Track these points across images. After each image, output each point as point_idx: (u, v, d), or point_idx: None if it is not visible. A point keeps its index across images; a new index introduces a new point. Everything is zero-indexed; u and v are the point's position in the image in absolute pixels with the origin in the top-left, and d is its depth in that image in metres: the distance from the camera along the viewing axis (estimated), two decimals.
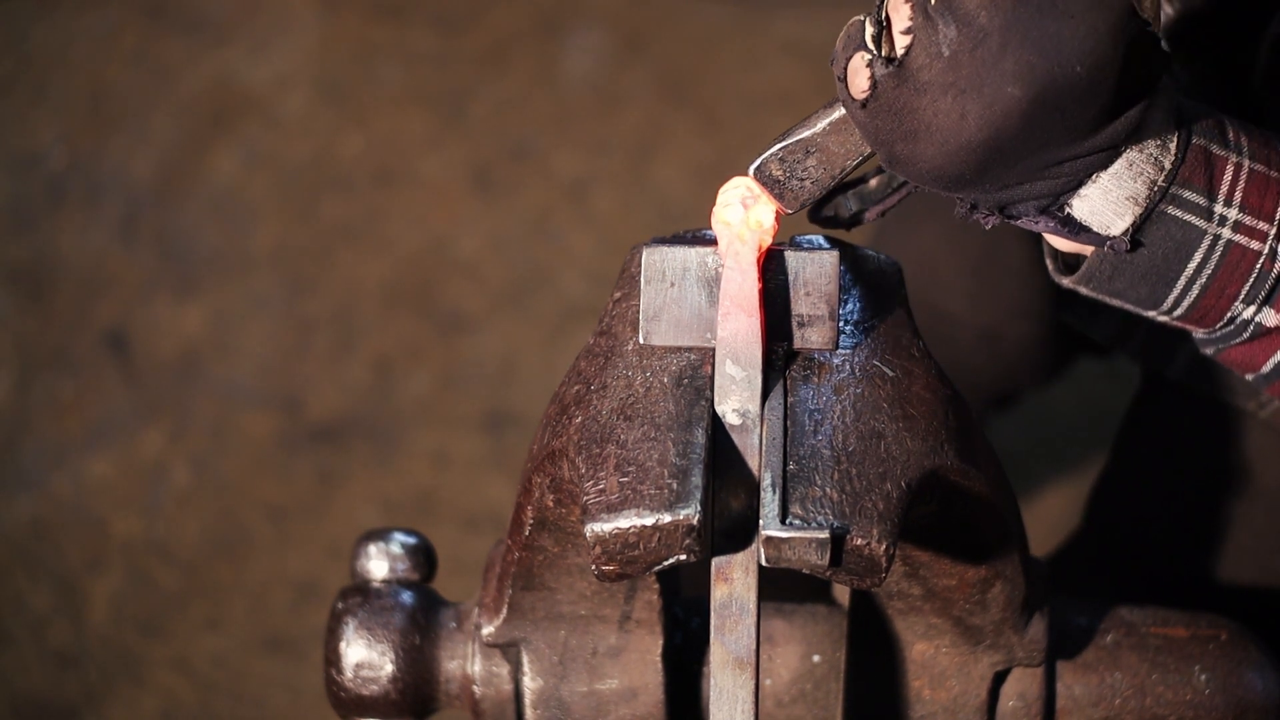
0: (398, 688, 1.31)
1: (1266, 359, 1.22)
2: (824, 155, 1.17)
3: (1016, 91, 1.07)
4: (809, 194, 1.18)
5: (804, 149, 1.17)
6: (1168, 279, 1.18)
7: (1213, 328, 1.21)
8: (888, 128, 1.11)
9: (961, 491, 1.15)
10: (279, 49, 2.93)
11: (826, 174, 1.18)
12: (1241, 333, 1.20)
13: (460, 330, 2.66)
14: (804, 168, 1.17)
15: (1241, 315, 1.19)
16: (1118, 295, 1.20)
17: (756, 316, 1.11)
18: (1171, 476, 1.61)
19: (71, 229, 2.74)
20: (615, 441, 1.08)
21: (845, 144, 1.17)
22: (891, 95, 1.10)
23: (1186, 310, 1.19)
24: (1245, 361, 1.23)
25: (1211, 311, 1.19)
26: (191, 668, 2.38)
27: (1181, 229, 1.16)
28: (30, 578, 2.44)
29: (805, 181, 1.18)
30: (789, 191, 1.18)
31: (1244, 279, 1.17)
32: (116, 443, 2.55)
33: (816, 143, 1.17)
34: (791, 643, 1.34)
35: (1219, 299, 1.18)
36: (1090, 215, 1.15)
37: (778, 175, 1.17)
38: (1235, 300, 1.18)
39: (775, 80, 2.86)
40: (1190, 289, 1.18)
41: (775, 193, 1.17)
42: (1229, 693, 1.31)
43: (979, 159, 1.11)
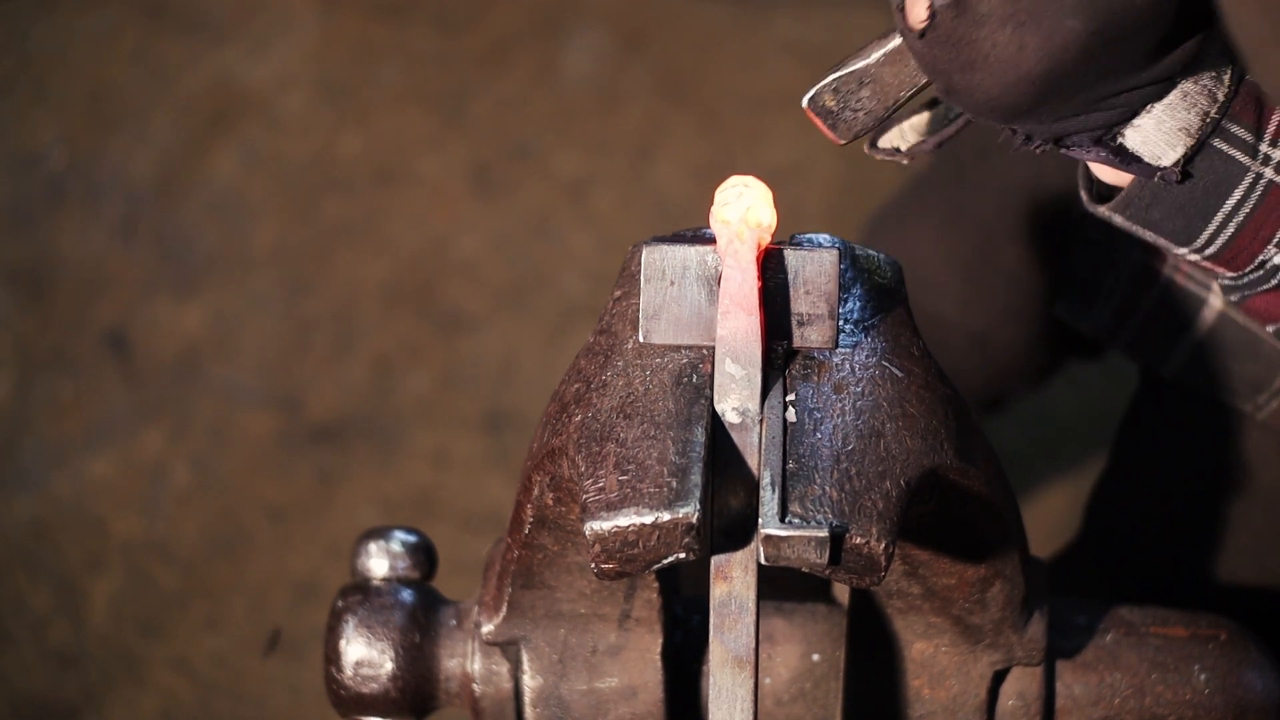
0: (397, 686, 1.31)
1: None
2: (878, 85, 1.16)
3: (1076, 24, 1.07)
4: (862, 125, 1.18)
5: (858, 79, 1.16)
6: (1205, 213, 1.17)
7: (1241, 271, 1.20)
8: (945, 58, 1.11)
9: (961, 490, 1.15)
10: (279, 49, 2.93)
11: (880, 105, 1.17)
12: (1269, 279, 1.20)
13: (460, 330, 2.66)
14: (858, 98, 1.17)
15: (1273, 260, 1.18)
16: (1152, 226, 1.19)
17: (756, 315, 1.11)
18: (1170, 477, 1.61)
19: (71, 229, 2.74)
20: (615, 440, 1.08)
21: (900, 74, 1.16)
22: (950, 26, 1.09)
23: (1219, 248, 1.19)
24: (1268, 310, 1.22)
25: (1243, 253, 1.19)
26: (191, 667, 2.38)
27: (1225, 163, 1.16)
28: (30, 578, 2.44)
29: (859, 112, 1.17)
30: (842, 122, 1.17)
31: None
32: (116, 443, 2.55)
33: (871, 73, 1.16)
34: (791, 641, 1.34)
35: (1253, 240, 1.18)
36: (1142, 145, 1.15)
37: (831, 106, 1.17)
38: (1269, 243, 1.18)
39: (775, 80, 2.86)
40: (1226, 226, 1.18)
41: (829, 123, 1.17)
42: (1228, 692, 1.31)
43: (1037, 90, 1.10)
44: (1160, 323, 1.54)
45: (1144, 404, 1.66)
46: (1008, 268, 1.72)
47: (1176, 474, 1.60)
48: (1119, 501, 1.67)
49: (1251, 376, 1.51)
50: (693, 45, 2.91)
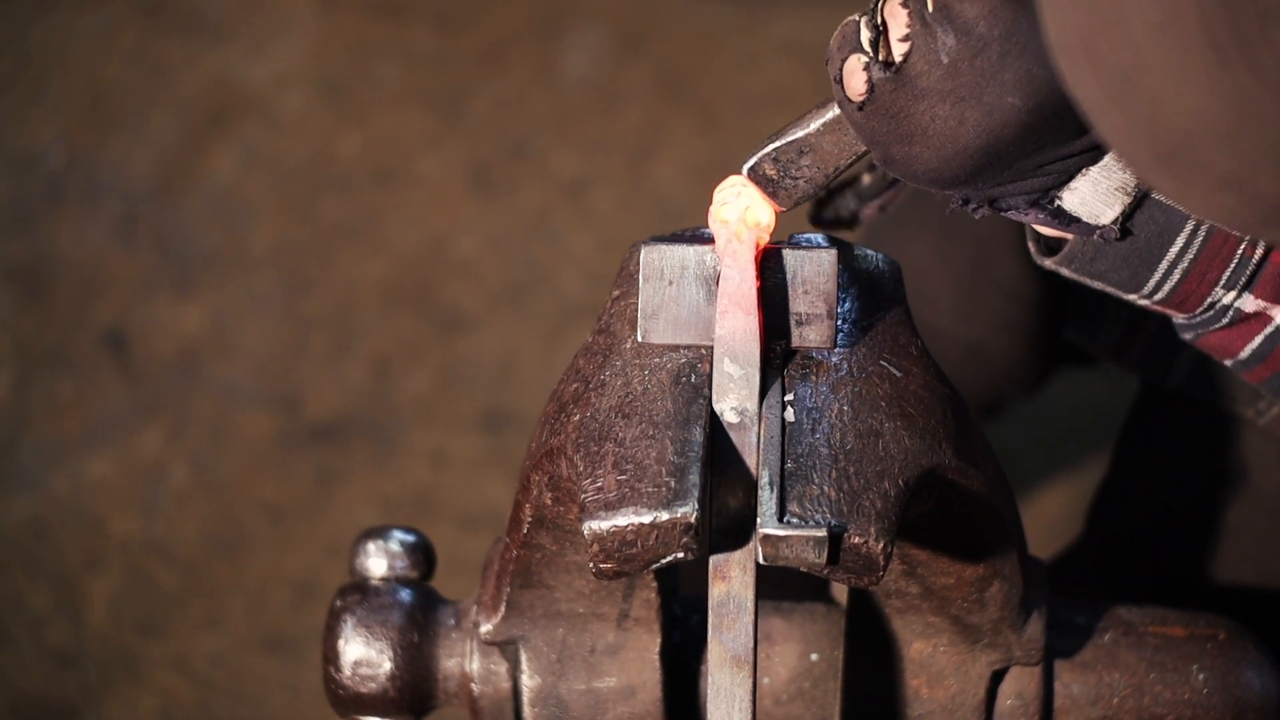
0: (396, 685, 1.31)
1: (1244, 345, 1.23)
2: (818, 155, 1.17)
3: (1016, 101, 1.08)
4: (803, 192, 1.18)
5: (798, 149, 1.17)
6: (1150, 263, 1.19)
7: (1193, 313, 1.22)
8: (884, 130, 1.11)
9: (959, 490, 1.15)
10: (278, 48, 2.93)
11: (820, 173, 1.18)
12: (1221, 318, 1.21)
13: (459, 330, 2.66)
14: (798, 167, 1.17)
15: (1221, 300, 1.20)
16: (1099, 277, 1.21)
17: (754, 315, 1.11)
18: (1170, 482, 1.61)
19: (70, 228, 2.74)
20: (613, 439, 1.08)
21: (839, 143, 1.17)
22: (889, 99, 1.10)
23: (1167, 294, 1.20)
24: (1223, 347, 1.24)
25: (1192, 296, 1.20)
26: (190, 667, 2.38)
27: (1165, 214, 1.17)
28: (30, 578, 2.44)
29: (799, 180, 1.18)
30: (783, 190, 1.18)
31: (1225, 264, 1.18)
32: (116, 442, 2.55)
33: (810, 142, 1.17)
34: (790, 641, 1.34)
35: (1200, 284, 1.19)
36: (1080, 206, 1.16)
37: (771, 175, 1.18)
38: (1216, 285, 1.19)
39: (774, 80, 2.86)
40: (1172, 273, 1.19)
41: (769, 191, 1.18)
42: (1227, 692, 1.31)
43: (975, 163, 1.11)
44: (1165, 339, 1.54)
45: (1145, 409, 1.66)
46: (1004, 279, 1.73)
47: (1177, 479, 1.60)
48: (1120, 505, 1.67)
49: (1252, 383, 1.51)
50: (692, 45, 2.91)
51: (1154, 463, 1.63)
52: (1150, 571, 1.60)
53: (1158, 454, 1.63)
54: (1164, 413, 1.61)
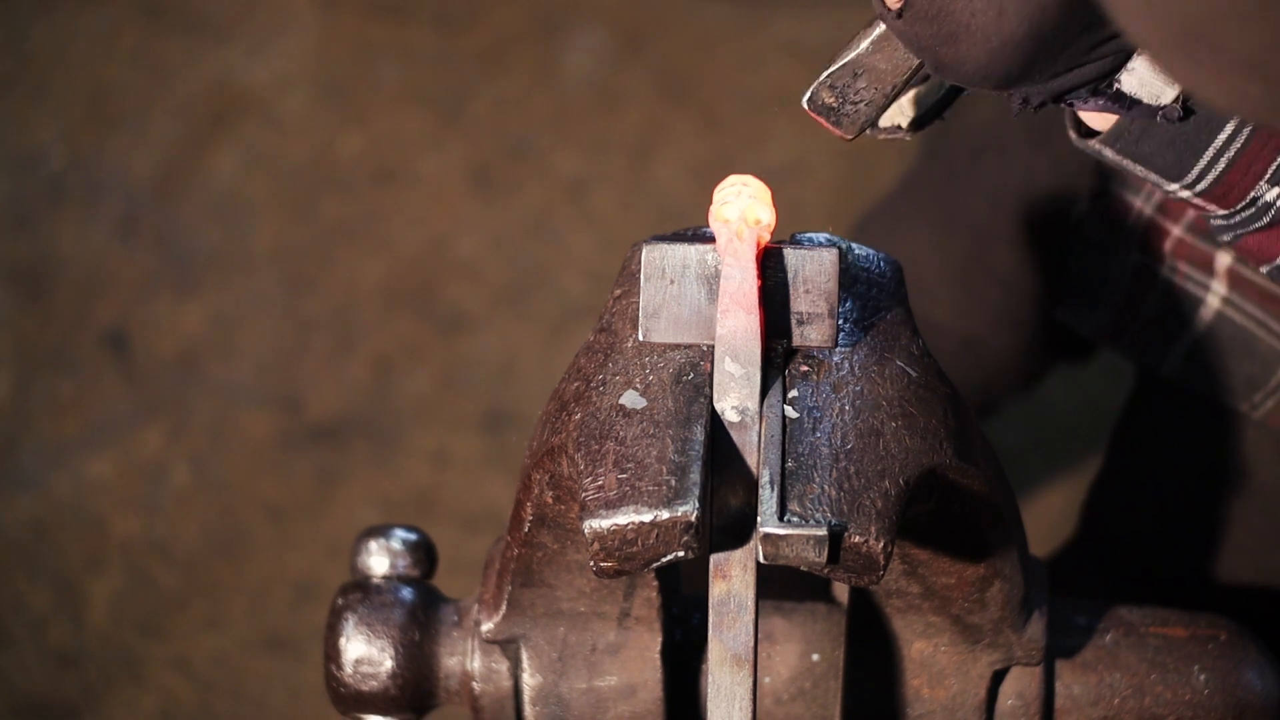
0: (397, 684, 1.31)
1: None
2: (873, 74, 1.16)
3: None
4: (865, 116, 1.17)
5: (851, 71, 1.16)
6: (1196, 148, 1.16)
7: (1233, 208, 1.19)
8: (927, 33, 1.10)
9: (960, 490, 1.15)
10: (278, 48, 2.93)
11: (879, 93, 1.17)
12: (1261, 217, 1.19)
13: (460, 330, 2.66)
14: (855, 90, 1.16)
15: (1264, 197, 1.17)
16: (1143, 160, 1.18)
17: (755, 314, 1.11)
18: (1166, 476, 1.61)
19: (71, 228, 2.74)
20: (614, 438, 1.08)
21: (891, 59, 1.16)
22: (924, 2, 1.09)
23: (1210, 184, 1.18)
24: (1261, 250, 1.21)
25: (1235, 189, 1.18)
26: (191, 667, 2.38)
27: None
28: (30, 578, 2.44)
29: (859, 104, 1.17)
30: (845, 117, 1.17)
31: (1272, 156, 1.16)
32: (116, 442, 2.55)
33: (863, 63, 1.16)
34: (790, 640, 1.34)
35: (1244, 175, 1.17)
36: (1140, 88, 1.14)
37: (831, 102, 1.17)
38: (1260, 179, 1.17)
39: (774, 80, 2.86)
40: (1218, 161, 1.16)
41: (832, 120, 1.17)
42: (1228, 693, 1.31)
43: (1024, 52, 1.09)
44: (1159, 323, 1.54)
45: (1140, 403, 1.66)
46: (999, 271, 1.72)
47: (1173, 473, 1.60)
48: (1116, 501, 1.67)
49: (1247, 376, 1.51)
50: (692, 45, 2.91)
51: (1149, 457, 1.63)
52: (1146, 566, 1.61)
53: (1152, 448, 1.63)
54: (1159, 406, 1.61)
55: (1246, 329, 1.48)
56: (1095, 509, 1.70)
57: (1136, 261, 1.54)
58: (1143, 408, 1.65)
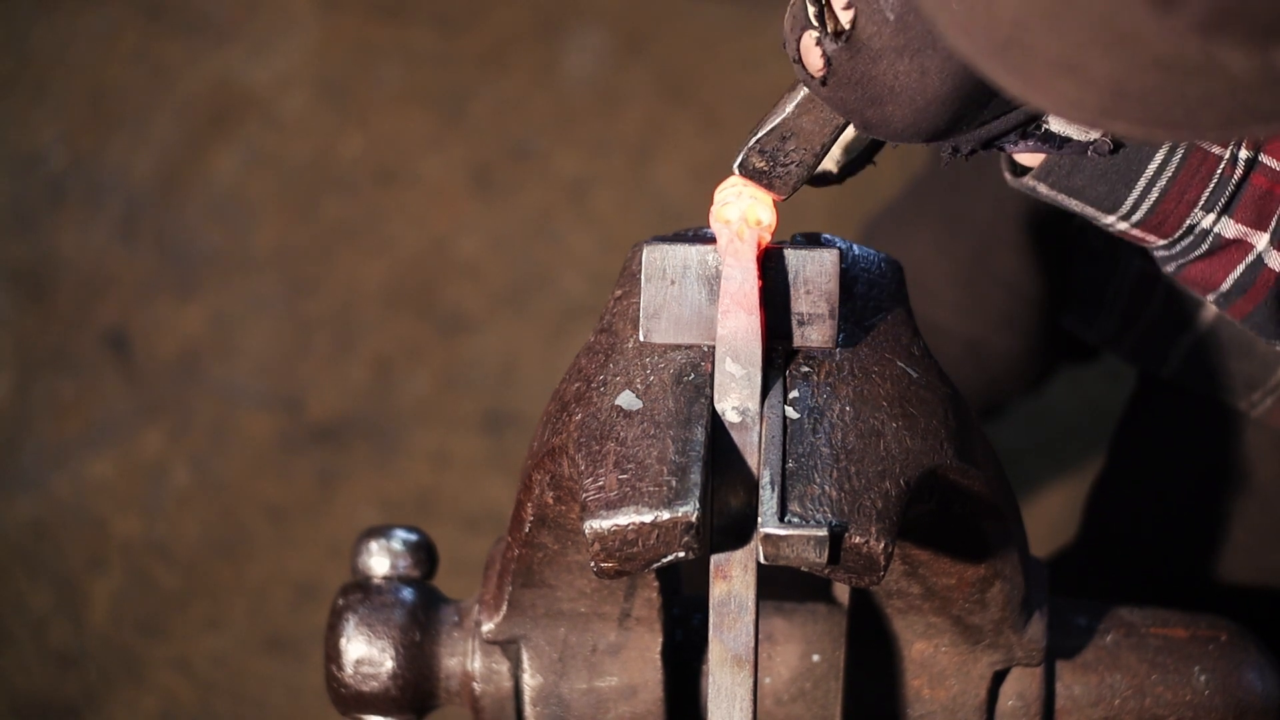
0: (398, 684, 1.31)
1: (1226, 275, 1.21)
2: (801, 136, 1.17)
3: None
4: (796, 177, 1.18)
5: (780, 135, 1.17)
6: (1128, 178, 1.17)
7: (1171, 237, 1.19)
8: (853, 98, 1.11)
9: (960, 490, 1.15)
10: (279, 49, 2.93)
11: (809, 153, 1.17)
12: (1200, 244, 1.19)
13: (460, 330, 2.66)
14: (785, 153, 1.17)
15: (1200, 224, 1.18)
16: (1076, 194, 1.19)
17: (756, 314, 1.11)
18: (1166, 475, 1.61)
19: (72, 229, 2.74)
20: (615, 439, 1.08)
21: (818, 120, 1.17)
22: (848, 68, 1.09)
23: (1145, 214, 1.18)
24: (1205, 279, 1.22)
25: (1170, 218, 1.18)
26: (191, 668, 2.38)
27: None
28: (30, 578, 2.44)
29: (790, 165, 1.18)
30: (777, 180, 1.18)
31: (1204, 184, 1.17)
32: (116, 443, 2.55)
33: (790, 126, 1.17)
34: (791, 641, 1.34)
35: (1178, 204, 1.17)
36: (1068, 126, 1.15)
37: (762, 166, 1.17)
38: (1195, 206, 1.17)
39: (775, 80, 2.86)
40: (1150, 191, 1.17)
41: (764, 183, 1.18)
42: (1228, 694, 1.31)
43: (949, 109, 1.10)
44: (1160, 328, 1.54)
45: (1141, 403, 1.66)
46: (1004, 274, 1.72)
47: (1173, 472, 1.60)
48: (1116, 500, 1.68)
49: (1246, 375, 1.51)
50: (693, 45, 2.91)
51: (1149, 456, 1.63)
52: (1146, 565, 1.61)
53: (1153, 447, 1.63)
54: (1159, 406, 1.61)
55: (1245, 329, 1.48)
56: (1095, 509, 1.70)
57: (1138, 268, 1.54)
58: (1143, 408, 1.65)
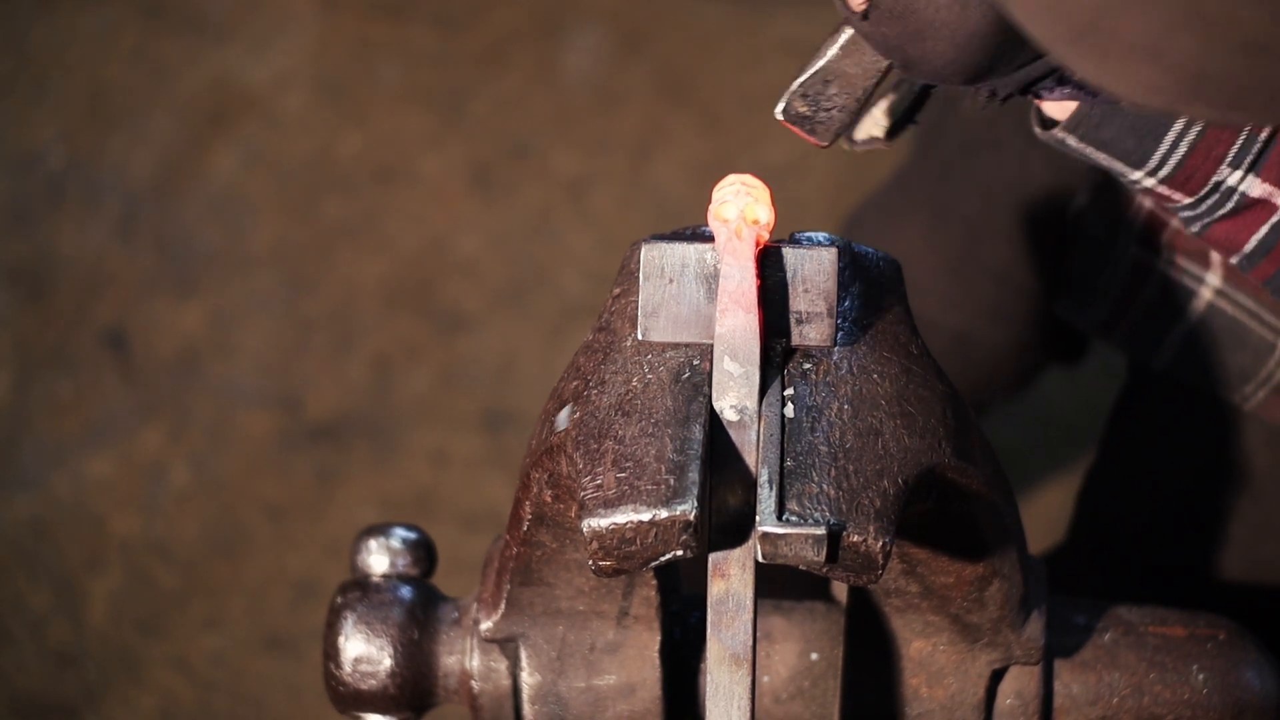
0: (396, 682, 1.31)
1: (1250, 236, 1.21)
2: (843, 80, 1.17)
3: None
4: (839, 122, 1.18)
5: (822, 79, 1.17)
6: (1157, 133, 1.18)
7: (1197, 195, 1.20)
8: (894, 33, 1.11)
9: (959, 489, 1.15)
10: (278, 48, 2.93)
11: (851, 98, 1.17)
12: (1225, 203, 1.20)
13: (459, 329, 2.66)
14: (827, 97, 1.17)
15: (1226, 181, 1.19)
16: (1104, 146, 1.19)
17: (755, 313, 1.11)
18: (1159, 470, 1.61)
19: (71, 228, 2.74)
20: (613, 437, 1.08)
21: (861, 63, 1.16)
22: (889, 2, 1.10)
23: (1172, 169, 1.18)
24: (1229, 239, 1.22)
25: (1197, 174, 1.19)
26: (190, 667, 2.38)
27: None
28: (30, 577, 2.44)
29: (832, 111, 1.17)
30: (819, 125, 1.18)
31: (1231, 139, 1.17)
32: (116, 442, 2.55)
33: (833, 69, 1.16)
34: (789, 640, 1.34)
35: (1205, 159, 1.18)
36: None
37: (804, 111, 1.17)
38: (1221, 162, 1.18)
39: (774, 79, 2.85)
40: (1179, 145, 1.17)
41: (807, 129, 1.17)
42: (1227, 692, 1.31)
43: (989, 44, 1.10)
44: (1154, 316, 1.54)
45: (1132, 396, 1.66)
46: (994, 265, 1.72)
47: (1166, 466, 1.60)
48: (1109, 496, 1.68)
49: (1239, 367, 1.51)
50: (692, 45, 2.91)
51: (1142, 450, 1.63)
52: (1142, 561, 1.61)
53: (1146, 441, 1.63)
54: (1151, 399, 1.61)
55: (1239, 320, 1.48)
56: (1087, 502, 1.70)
57: (1134, 255, 1.54)
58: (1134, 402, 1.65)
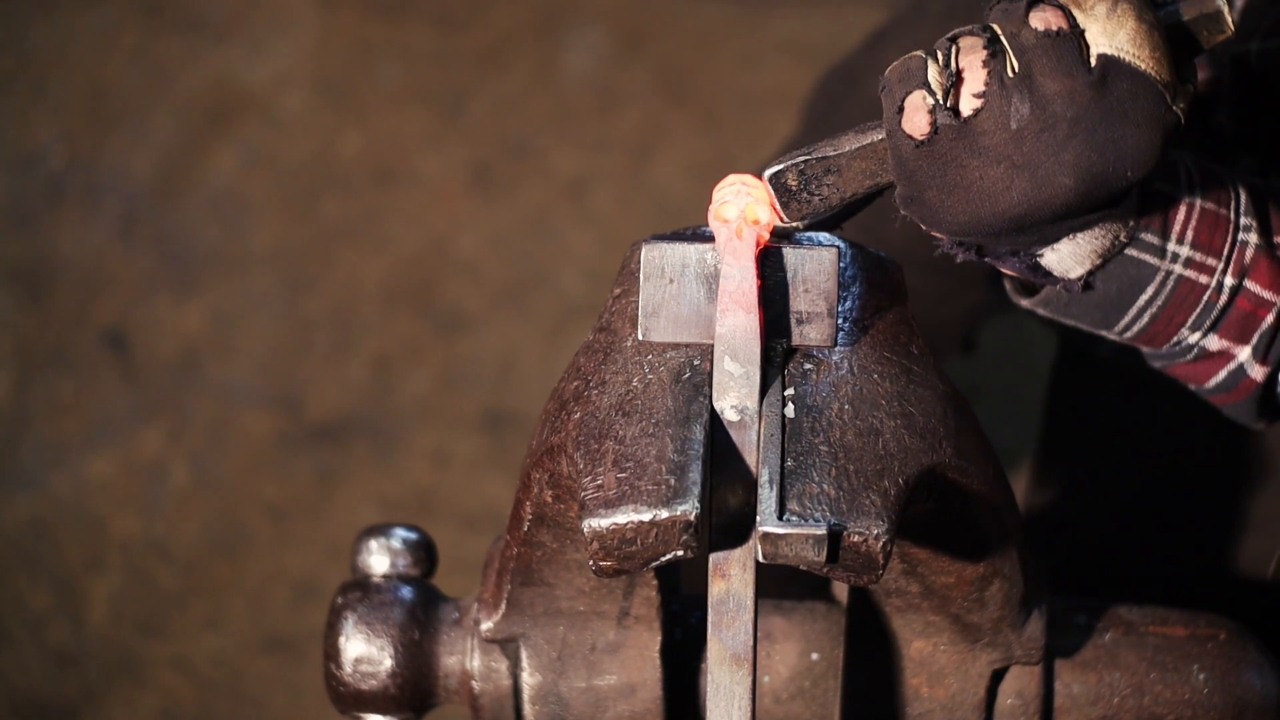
0: (396, 683, 1.31)
1: (1210, 377, 1.28)
2: (844, 177, 1.17)
3: (1069, 181, 1.12)
4: (815, 210, 1.19)
5: (826, 166, 1.17)
6: (1120, 308, 1.24)
7: (1160, 348, 1.27)
8: (929, 173, 1.14)
9: (959, 489, 1.15)
10: (278, 48, 2.93)
11: (838, 194, 1.18)
12: (1187, 354, 1.27)
13: (460, 329, 2.66)
14: (820, 184, 1.17)
15: (1187, 340, 1.26)
16: (1073, 318, 1.26)
17: (755, 313, 1.11)
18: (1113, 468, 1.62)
19: (71, 228, 2.74)
20: (613, 437, 1.08)
21: (868, 170, 1.17)
22: (947, 146, 1.12)
23: (1137, 333, 1.26)
24: (1190, 377, 1.29)
25: (1160, 335, 1.26)
26: (191, 667, 2.38)
27: (1136, 267, 1.22)
28: (30, 578, 2.44)
29: (815, 197, 1.18)
30: (796, 203, 1.18)
31: (1191, 309, 1.24)
32: (116, 442, 2.55)
33: (841, 163, 1.17)
34: (790, 640, 1.34)
35: (1167, 326, 1.25)
36: (1056, 264, 1.21)
37: (791, 185, 1.18)
38: (1182, 327, 1.25)
39: (773, 79, 2.86)
40: (1141, 317, 1.24)
41: (782, 200, 1.18)
42: (1227, 692, 1.31)
43: (1002, 227, 1.15)
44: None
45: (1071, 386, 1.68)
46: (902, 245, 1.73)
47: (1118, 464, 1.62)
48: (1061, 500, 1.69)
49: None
50: (692, 44, 2.91)
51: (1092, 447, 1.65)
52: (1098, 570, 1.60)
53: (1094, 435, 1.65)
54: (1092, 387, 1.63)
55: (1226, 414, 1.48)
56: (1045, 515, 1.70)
57: None
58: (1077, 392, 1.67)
